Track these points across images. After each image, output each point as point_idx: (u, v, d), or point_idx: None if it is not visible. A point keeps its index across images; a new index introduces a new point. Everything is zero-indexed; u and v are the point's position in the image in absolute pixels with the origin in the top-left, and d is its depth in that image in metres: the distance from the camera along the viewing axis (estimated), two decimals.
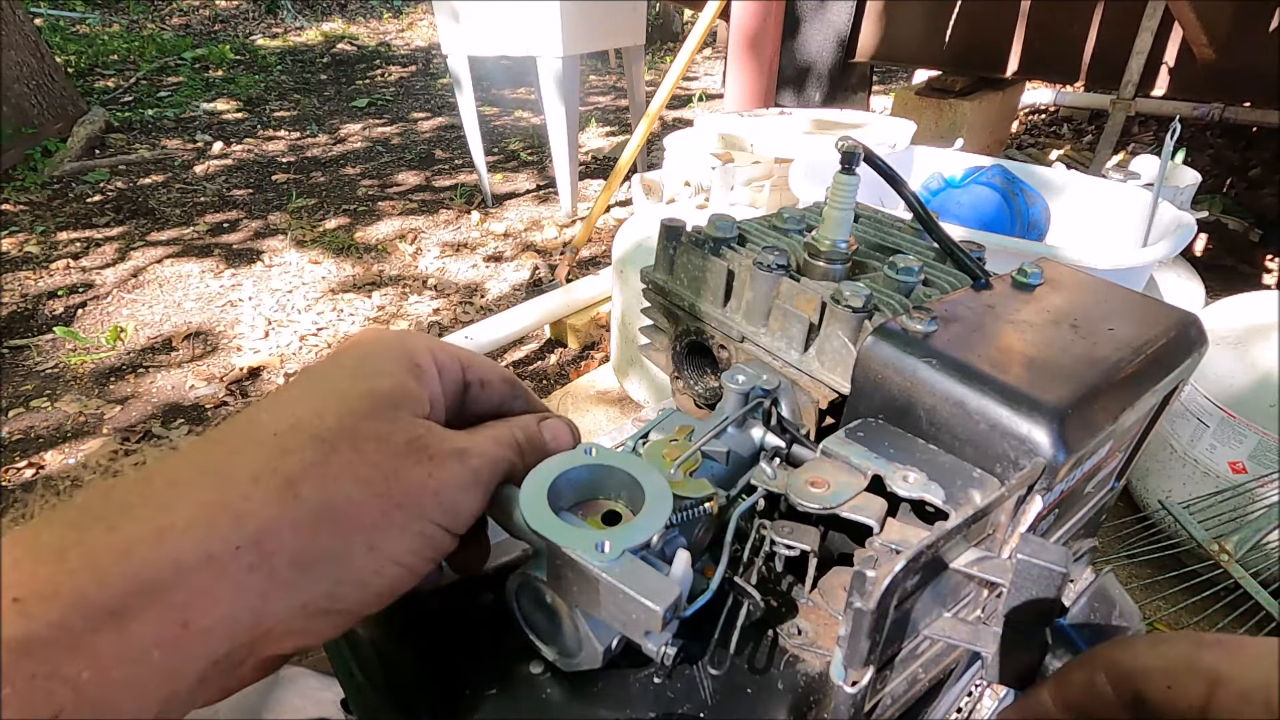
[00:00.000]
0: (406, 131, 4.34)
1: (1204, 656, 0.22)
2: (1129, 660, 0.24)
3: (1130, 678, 0.23)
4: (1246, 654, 0.21)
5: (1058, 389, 0.33)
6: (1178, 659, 0.23)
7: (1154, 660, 0.23)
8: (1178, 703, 0.22)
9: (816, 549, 0.34)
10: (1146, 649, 0.24)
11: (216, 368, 2.16)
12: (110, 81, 5.04)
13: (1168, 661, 0.23)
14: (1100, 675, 0.24)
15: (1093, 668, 0.25)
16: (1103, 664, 0.25)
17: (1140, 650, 0.24)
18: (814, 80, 3.02)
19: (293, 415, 0.26)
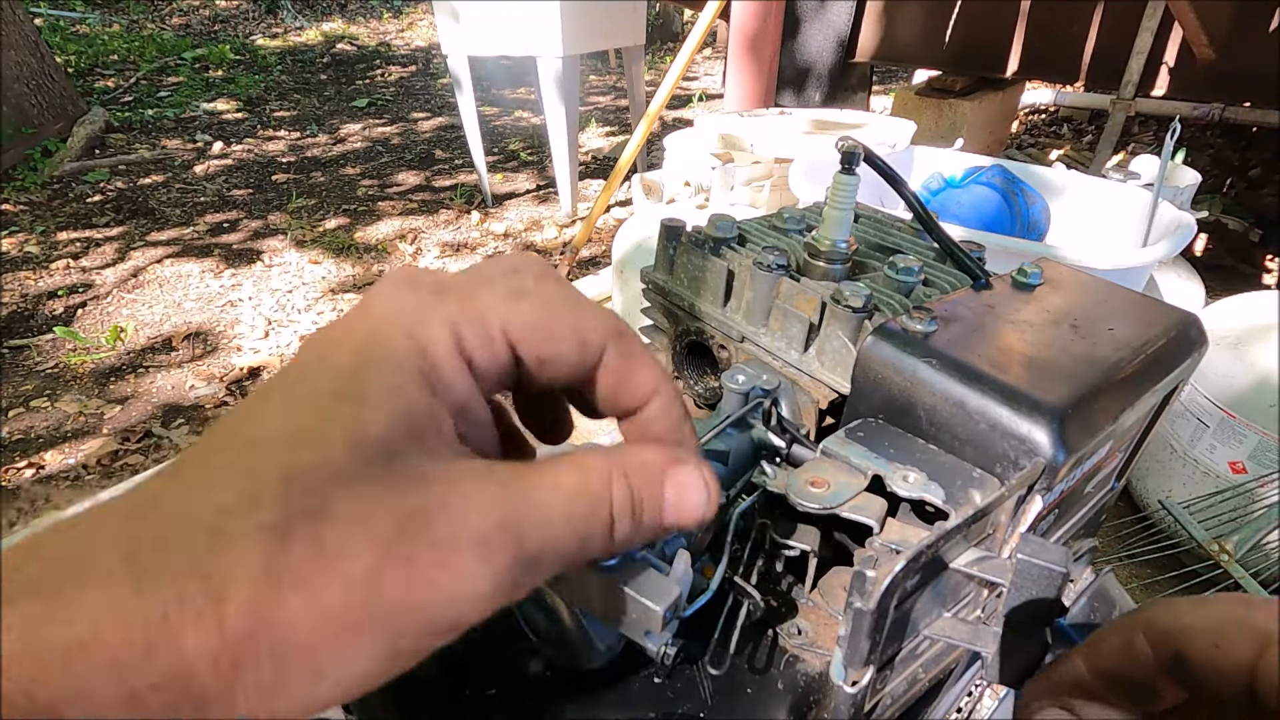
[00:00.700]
0: (406, 131, 4.34)
1: (1253, 615, 0.22)
2: (1170, 620, 0.23)
3: (1172, 638, 0.23)
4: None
5: (1058, 389, 0.33)
6: (1225, 617, 0.22)
7: (1199, 620, 0.23)
8: (1223, 662, 0.22)
9: (816, 549, 0.34)
10: (1190, 608, 0.23)
11: (216, 368, 2.16)
12: (110, 81, 5.04)
13: (1214, 620, 0.22)
14: (1139, 636, 0.24)
15: (1130, 630, 0.24)
16: (1142, 625, 0.24)
17: (1183, 610, 0.23)
18: (814, 80, 3.02)
19: (240, 477, 0.19)
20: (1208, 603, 0.23)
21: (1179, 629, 0.23)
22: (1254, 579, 1.20)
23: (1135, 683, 0.24)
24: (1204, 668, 0.22)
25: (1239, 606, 0.22)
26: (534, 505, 0.20)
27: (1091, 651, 0.26)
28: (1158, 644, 0.23)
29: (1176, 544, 1.29)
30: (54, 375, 2.11)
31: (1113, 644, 0.25)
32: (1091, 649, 0.26)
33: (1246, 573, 1.20)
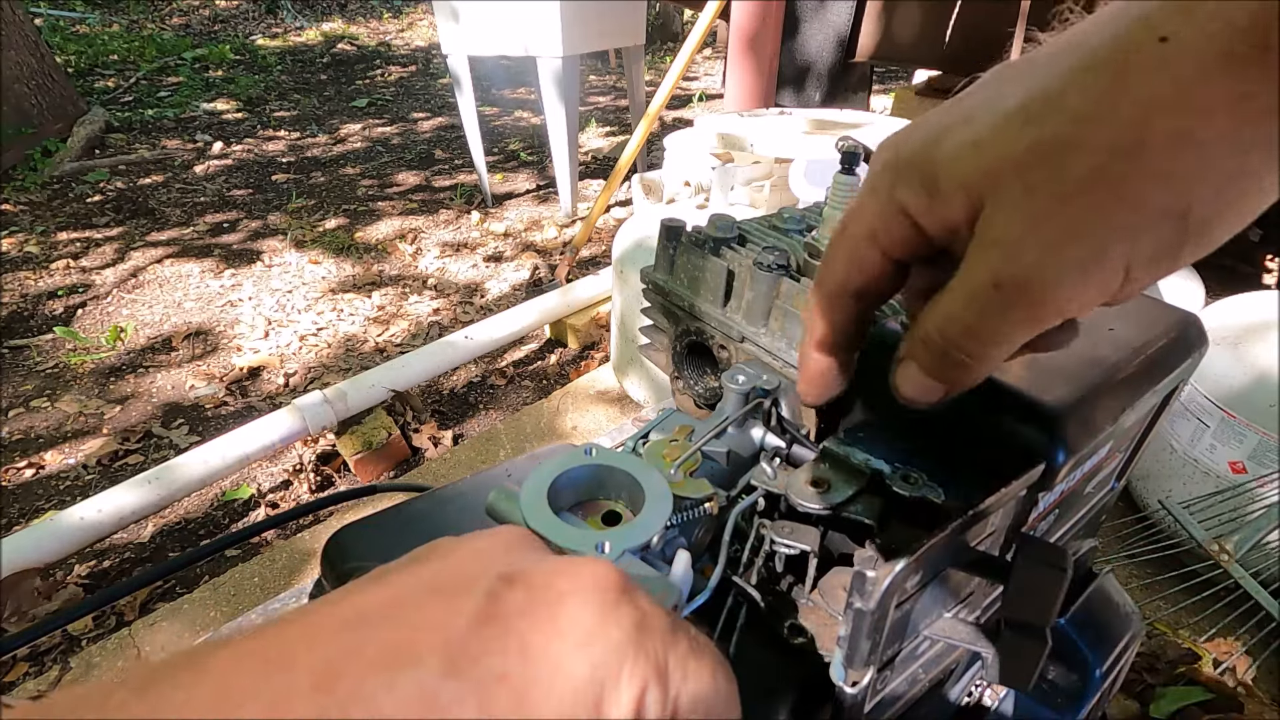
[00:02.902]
0: (406, 131, 4.34)
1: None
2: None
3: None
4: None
5: (1058, 389, 0.33)
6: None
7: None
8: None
9: (816, 549, 0.34)
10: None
11: (216, 368, 2.16)
12: (110, 81, 5.04)
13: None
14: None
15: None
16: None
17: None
18: (814, 80, 3.02)
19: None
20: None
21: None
22: (1254, 579, 1.20)
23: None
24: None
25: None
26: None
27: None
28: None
29: (1176, 544, 1.29)
30: (54, 375, 2.11)
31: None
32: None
33: (1246, 573, 1.20)
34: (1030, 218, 0.22)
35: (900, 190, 0.26)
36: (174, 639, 1.29)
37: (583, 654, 0.19)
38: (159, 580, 1.48)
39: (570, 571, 0.21)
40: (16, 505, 1.66)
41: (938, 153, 0.25)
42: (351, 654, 0.18)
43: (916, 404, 0.28)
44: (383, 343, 2.28)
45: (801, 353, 0.33)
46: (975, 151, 0.24)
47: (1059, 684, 0.47)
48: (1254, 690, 1.16)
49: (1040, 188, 0.22)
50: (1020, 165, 0.22)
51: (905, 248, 0.27)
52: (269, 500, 1.68)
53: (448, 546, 0.24)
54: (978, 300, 0.24)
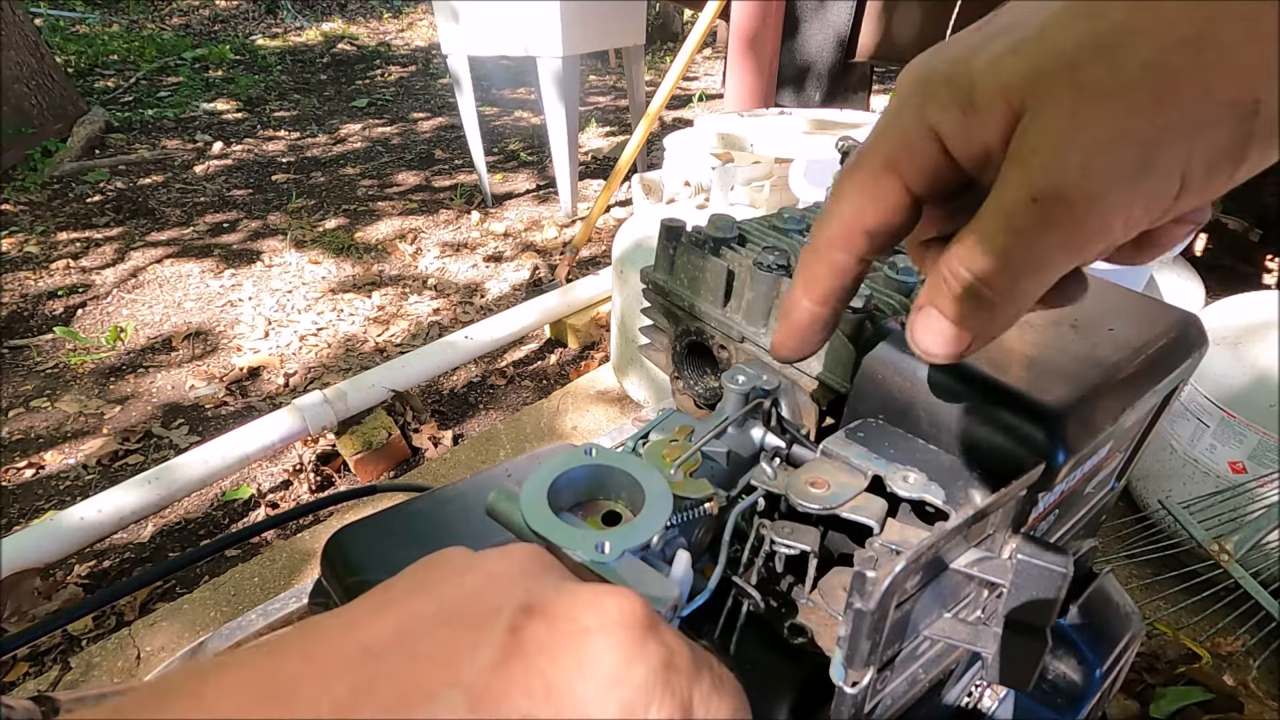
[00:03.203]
0: (406, 131, 4.34)
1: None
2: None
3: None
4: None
5: (1058, 389, 0.33)
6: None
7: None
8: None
9: (816, 549, 0.34)
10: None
11: (216, 368, 2.16)
12: (110, 81, 5.04)
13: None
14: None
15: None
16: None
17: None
18: (814, 80, 3.02)
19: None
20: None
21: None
22: (1254, 579, 1.20)
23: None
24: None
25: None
26: None
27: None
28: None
29: (1176, 544, 1.29)
30: (54, 375, 2.11)
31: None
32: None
33: (1246, 573, 1.20)
34: (1076, 118, 0.20)
35: (930, 108, 0.23)
36: (174, 639, 1.29)
37: (610, 695, 0.18)
38: (159, 580, 1.48)
39: (595, 605, 0.20)
40: (16, 505, 1.66)
41: (975, 63, 0.22)
42: (363, 693, 0.17)
43: (936, 358, 0.25)
44: (383, 343, 2.28)
45: (788, 303, 0.30)
46: (1017, 55, 0.21)
47: (1059, 684, 0.47)
48: (1254, 690, 1.16)
49: (1091, 85, 0.20)
50: (1070, 63, 0.20)
51: (929, 178, 0.24)
52: (269, 500, 1.68)
53: (458, 565, 0.23)
54: (1011, 219, 0.21)
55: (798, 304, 0.30)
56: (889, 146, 0.25)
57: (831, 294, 0.29)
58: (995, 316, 0.24)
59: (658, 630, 0.20)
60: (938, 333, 0.25)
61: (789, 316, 0.30)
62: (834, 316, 0.30)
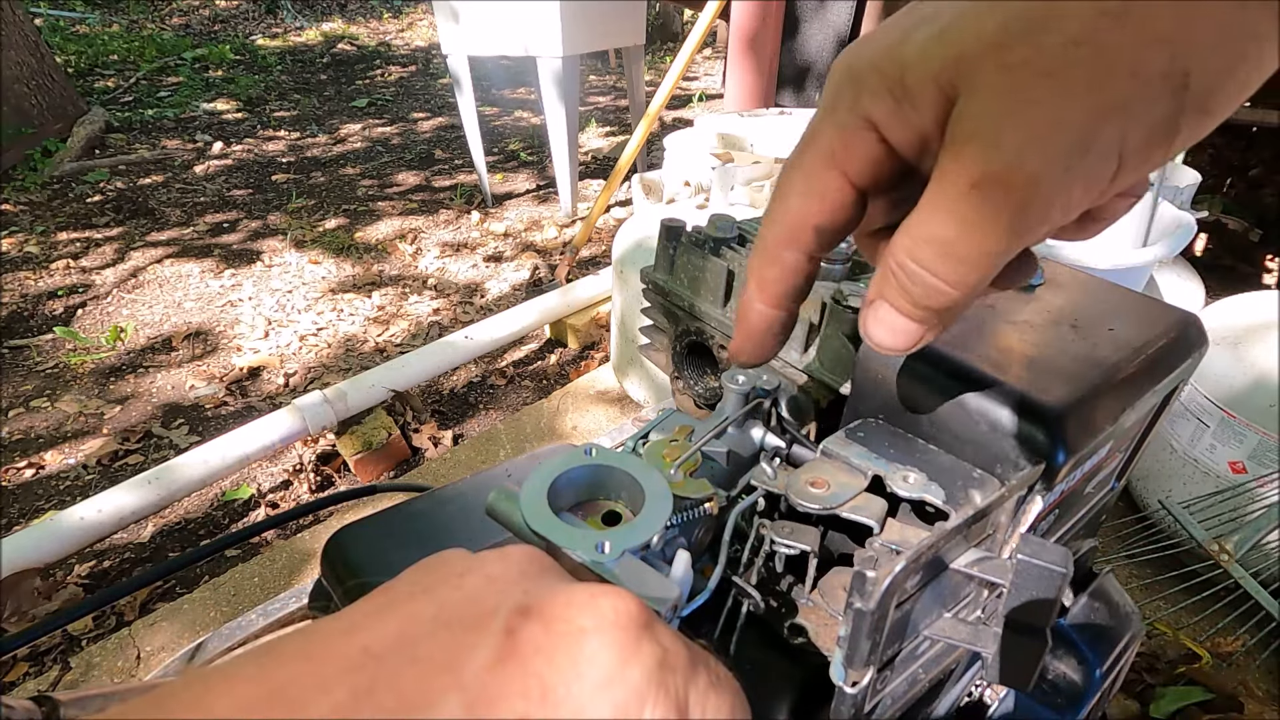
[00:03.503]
0: (406, 131, 4.34)
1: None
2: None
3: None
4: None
5: (1058, 389, 0.33)
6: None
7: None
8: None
9: (816, 549, 0.34)
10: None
11: (216, 368, 2.16)
12: (110, 81, 5.04)
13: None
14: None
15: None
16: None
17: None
18: (814, 80, 3.02)
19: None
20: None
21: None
22: (1254, 579, 1.20)
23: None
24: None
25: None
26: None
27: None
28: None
29: (1176, 544, 1.29)
30: (54, 375, 2.11)
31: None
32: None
33: (1246, 573, 1.21)
34: (1008, 100, 0.19)
35: (864, 100, 0.23)
36: (174, 639, 1.29)
37: (604, 696, 0.18)
38: (159, 580, 1.48)
39: (590, 605, 0.20)
40: (16, 505, 1.66)
41: (904, 51, 0.22)
42: (363, 698, 0.17)
43: (892, 351, 0.25)
44: (383, 343, 2.28)
45: (743, 306, 0.29)
46: (944, 39, 0.21)
47: (1059, 684, 0.47)
48: (1254, 690, 1.16)
49: (1018, 65, 0.19)
50: (995, 43, 0.20)
51: (870, 169, 0.24)
52: (269, 500, 1.68)
53: (457, 567, 0.23)
54: (954, 206, 0.21)
55: (751, 307, 0.29)
56: (827, 141, 0.24)
57: (785, 295, 0.28)
58: (946, 304, 0.23)
59: (653, 630, 0.20)
60: (889, 325, 0.24)
61: (745, 320, 0.30)
62: (790, 318, 0.29)
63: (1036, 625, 0.29)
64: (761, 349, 0.30)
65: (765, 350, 0.30)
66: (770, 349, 0.30)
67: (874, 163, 0.24)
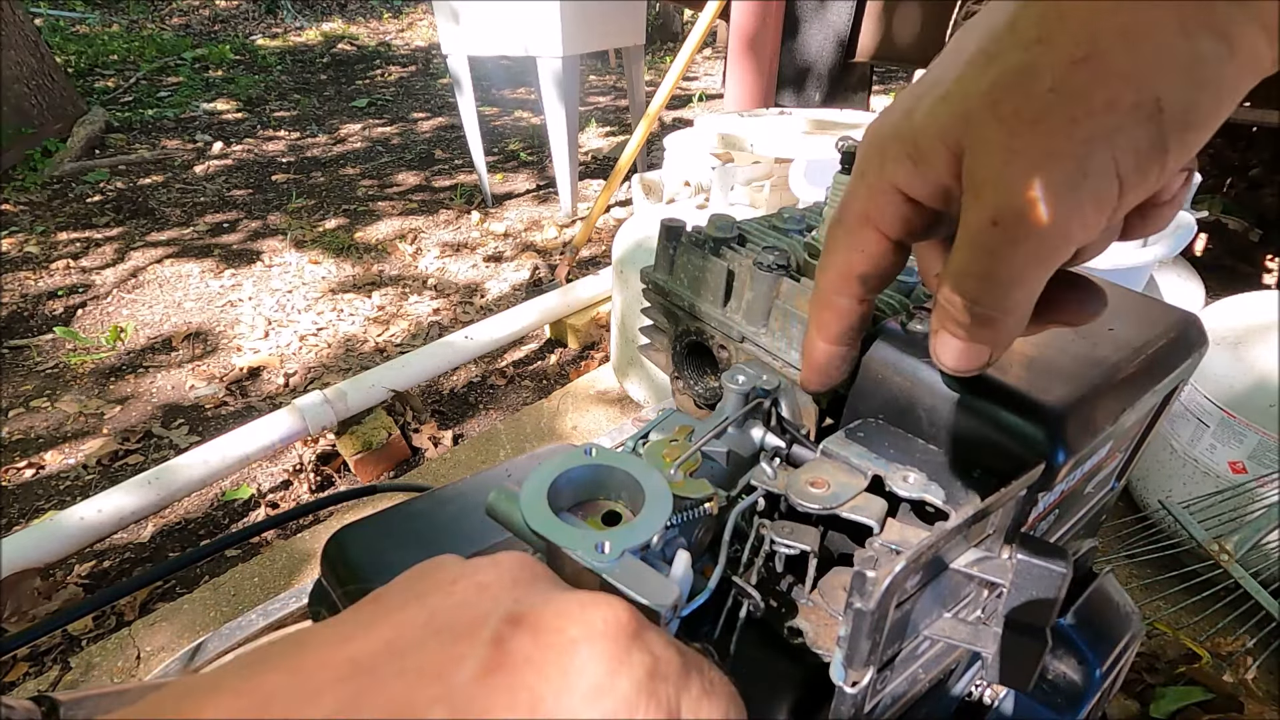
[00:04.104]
0: (406, 131, 4.34)
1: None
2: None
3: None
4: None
5: (1058, 389, 0.33)
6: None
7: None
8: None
9: (816, 549, 0.34)
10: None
11: (216, 368, 2.16)
12: (110, 81, 5.04)
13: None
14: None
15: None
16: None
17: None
18: (814, 80, 3.02)
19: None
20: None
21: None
22: (1254, 579, 1.20)
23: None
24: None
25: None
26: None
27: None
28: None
29: (1176, 544, 1.29)
30: (54, 375, 2.11)
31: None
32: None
33: (1246, 573, 1.20)
34: (1008, 148, 0.22)
35: (887, 166, 0.27)
36: (174, 639, 1.29)
37: (594, 706, 0.18)
38: (159, 580, 1.48)
39: (580, 615, 0.20)
40: (16, 505, 1.66)
41: (915, 119, 0.25)
42: (351, 709, 0.18)
43: (967, 373, 0.28)
44: (383, 343, 2.28)
45: (807, 343, 0.34)
46: (947, 103, 0.24)
47: (1059, 684, 0.47)
48: (1254, 690, 1.16)
49: (1010, 116, 0.22)
50: (987, 101, 0.23)
51: (902, 224, 0.28)
52: (269, 500, 1.68)
53: (449, 574, 0.23)
54: (981, 244, 0.24)
55: (814, 345, 0.33)
56: (861, 203, 0.28)
57: (842, 334, 0.33)
58: (998, 328, 0.26)
59: (643, 639, 0.20)
60: (956, 351, 0.27)
61: (809, 356, 0.34)
62: (850, 351, 0.33)
63: (1036, 625, 0.29)
64: (827, 379, 0.35)
65: (831, 379, 0.35)
66: (837, 376, 0.35)
67: (903, 219, 0.28)
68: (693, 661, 0.21)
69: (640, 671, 0.19)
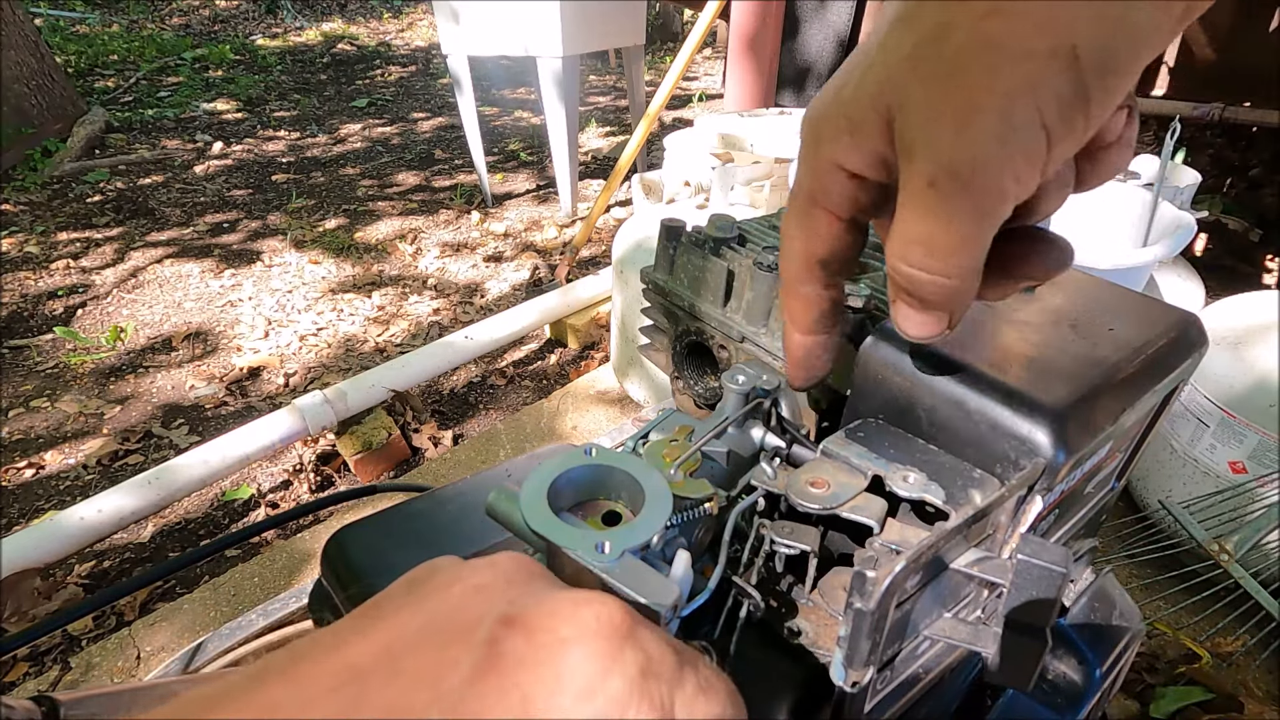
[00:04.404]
0: (406, 131, 4.34)
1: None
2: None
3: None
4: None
5: (1058, 389, 0.33)
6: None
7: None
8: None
9: (816, 549, 0.34)
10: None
11: (216, 368, 2.16)
12: (110, 81, 5.04)
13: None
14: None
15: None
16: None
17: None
18: (814, 80, 3.02)
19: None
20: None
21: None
22: (1254, 579, 1.20)
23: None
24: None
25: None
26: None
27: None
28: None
29: (1176, 544, 1.29)
30: (54, 375, 2.11)
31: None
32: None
33: (1246, 573, 1.20)
34: (932, 105, 0.22)
35: (824, 145, 0.26)
36: (174, 639, 1.29)
37: (586, 705, 0.18)
38: (159, 580, 1.48)
39: (572, 614, 0.20)
40: (16, 505, 1.66)
41: (844, 92, 0.25)
42: (348, 715, 0.18)
43: (929, 340, 0.28)
44: (383, 343, 2.28)
45: (785, 339, 0.34)
46: (872, 72, 0.24)
47: (1059, 684, 0.47)
48: (1254, 690, 1.16)
49: (932, 76, 0.22)
50: (909, 64, 0.23)
51: (848, 201, 0.28)
52: (269, 500, 1.68)
53: (445, 577, 0.23)
54: (920, 207, 0.24)
55: (790, 337, 0.33)
56: (806, 186, 0.28)
57: (815, 322, 0.32)
58: (954, 292, 0.25)
59: (636, 637, 0.20)
60: (916, 321, 0.27)
61: (789, 352, 0.34)
62: (828, 340, 0.33)
63: (1036, 625, 0.29)
64: (810, 371, 0.34)
65: (814, 372, 0.34)
66: (821, 369, 0.34)
67: (849, 195, 0.27)
68: (688, 659, 0.21)
69: (633, 670, 0.19)
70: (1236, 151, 2.97)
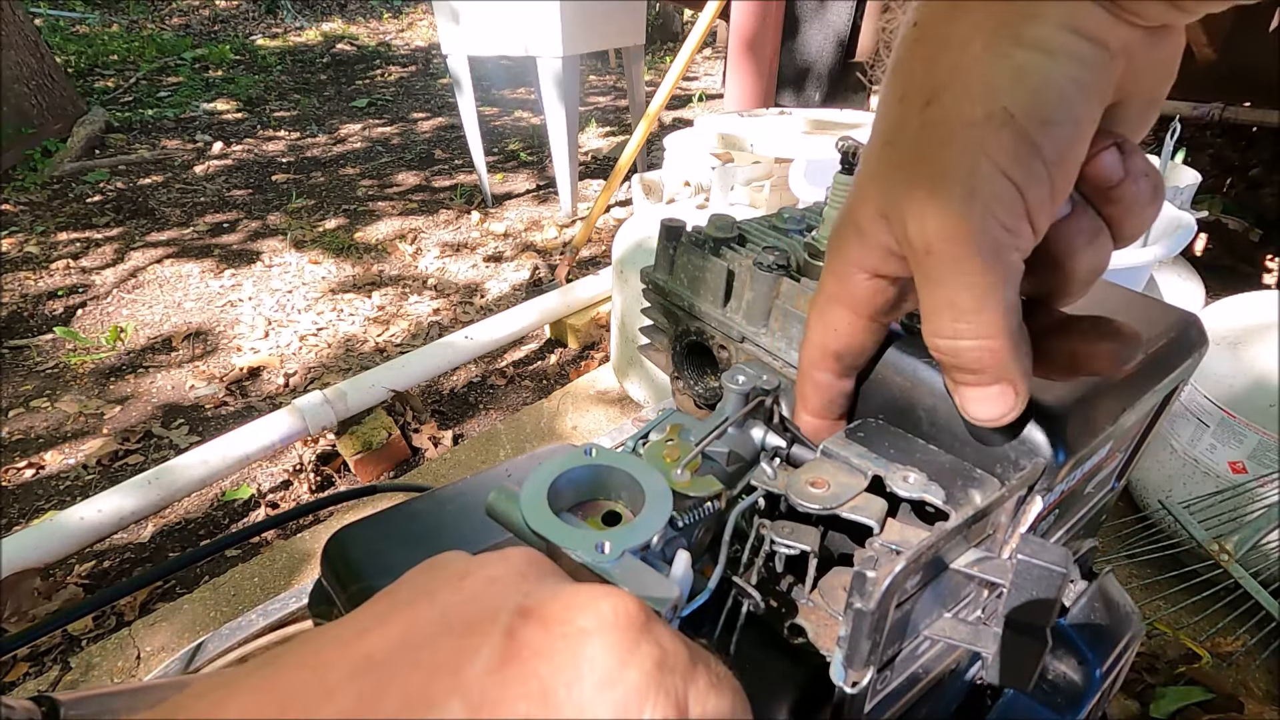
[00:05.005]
0: (406, 131, 4.34)
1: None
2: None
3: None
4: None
5: (1057, 389, 0.33)
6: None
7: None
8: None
9: (816, 549, 0.34)
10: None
11: (216, 368, 2.16)
12: (110, 81, 5.05)
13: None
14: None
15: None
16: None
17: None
18: (814, 80, 3.02)
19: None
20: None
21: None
22: (1254, 579, 1.20)
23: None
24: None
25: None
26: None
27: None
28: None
29: (1176, 544, 1.29)
30: (54, 375, 2.11)
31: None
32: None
33: (1246, 573, 1.20)
34: (909, 187, 0.26)
35: (844, 250, 0.30)
36: (174, 639, 1.29)
37: (604, 696, 0.18)
38: (159, 580, 1.48)
39: (589, 606, 0.20)
40: (16, 505, 1.66)
41: (850, 204, 0.29)
42: (368, 703, 0.18)
43: (1003, 420, 0.28)
44: (383, 343, 2.28)
45: (796, 414, 0.36)
46: (869, 180, 0.28)
47: (1059, 684, 0.47)
48: (1254, 690, 1.16)
49: (902, 164, 0.26)
50: (885, 164, 0.27)
51: (867, 299, 0.30)
52: (269, 500, 1.68)
53: (457, 569, 0.23)
54: (929, 278, 0.26)
55: (800, 418, 0.36)
56: (830, 286, 0.31)
57: (823, 407, 0.35)
58: (995, 353, 0.26)
59: (652, 630, 0.20)
60: (978, 398, 0.28)
61: (801, 426, 0.37)
62: (836, 425, 0.35)
63: (1036, 625, 0.29)
64: (819, 440, 0.36)
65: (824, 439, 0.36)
66: (833, 432, 0.36)
67: (867, 295, 0.30)
68: (699, 655, 0.21)
69: (649, 663, 0.19)
70: (1236, 151, 2.97)
